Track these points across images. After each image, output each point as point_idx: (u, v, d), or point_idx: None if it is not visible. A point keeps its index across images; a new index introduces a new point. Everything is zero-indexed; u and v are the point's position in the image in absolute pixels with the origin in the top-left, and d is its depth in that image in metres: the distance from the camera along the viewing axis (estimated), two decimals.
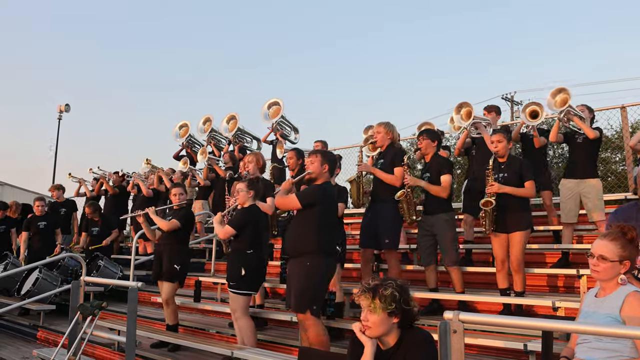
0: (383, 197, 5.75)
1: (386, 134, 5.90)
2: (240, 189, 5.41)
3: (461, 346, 2.43)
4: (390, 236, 5.66)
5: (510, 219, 5.17)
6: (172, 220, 5.94)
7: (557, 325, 2.59)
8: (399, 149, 5.93)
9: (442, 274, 5.95)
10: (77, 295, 5.36)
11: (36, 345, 6.94)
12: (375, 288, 2.77)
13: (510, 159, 5.40)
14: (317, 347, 4.35)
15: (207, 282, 7.58)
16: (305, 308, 4.42)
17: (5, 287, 8.63)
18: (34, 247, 9.00)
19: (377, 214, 5.73)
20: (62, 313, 7.76)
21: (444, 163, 5.74)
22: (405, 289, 2.80)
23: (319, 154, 4.82)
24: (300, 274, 4.49)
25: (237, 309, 5.18)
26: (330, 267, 4.67)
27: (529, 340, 4.13)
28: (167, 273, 5.89)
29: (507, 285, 5.27)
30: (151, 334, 5.99)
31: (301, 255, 4.55)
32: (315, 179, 4.75)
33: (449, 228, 5.58)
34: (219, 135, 10.56)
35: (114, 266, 8.77)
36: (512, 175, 5.24)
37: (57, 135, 25.38)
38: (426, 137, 5.82)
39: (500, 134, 5.42)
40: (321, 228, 4.56)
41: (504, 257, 5.24)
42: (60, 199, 10.48)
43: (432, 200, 5.63)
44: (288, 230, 4.82)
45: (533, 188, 5.27)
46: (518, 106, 26.30)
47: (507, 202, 5.16)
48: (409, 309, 2.77)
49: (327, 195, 4.70)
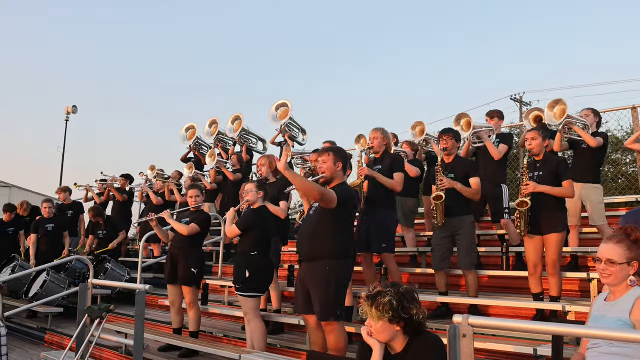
0: (380, 202, 5.70)
1: (383, 140, 5.90)
2: (249, 189, 5.40)
3: (471, 351, 2.40)
4: (387, 240, 5.64)
5: (546, 220, 5.00)
6: (193, 224, 5.85)
7: (568, 330, 2.53)
8: (397, 155, 5.93)
9: (451, 277, 5.91)
10: (85, 298, 5.36)
11: (44, 348, 6.96)
12: (374, 296, 2.77)
13: (547, 157, 5.21)
14: (334, 352, 4.26)
15: (214, 285, 7.57)
16: (330, 316, 4.27)
17: (14, 289, 8.64)
18: (41, 250, 9.02)
19: (374, 219, 5.68)
20: (69, 316, 7.77)
21: (472, 165, 5.67)
22: (407, 297, 2.75)
23: (330, 152, 4.50)
24: (320, 281, 4.28)
25: (248, 311, 5.17)
26: (349, 270, 4.52)
27: (539, 345, 4.08)
28: (184, 277, 5.82)
29: (541, 290, 5.12)
30: (159, 337, 5.99)
31: (317, 259, 4.33)
32: (331, 179, 4.46)
33: (471, 230, 5.52)
34: (225, 137, 10.57)
35: (121, 269, 8.78)
36: (548, 174, 5.06)
37: (65, 136, 25.49)
38: (452, 137, 5.67)
39: (535, 131, 5.26)
40: (338, 231, 4.35)
41: (537, 261, 5.09)
42: (67, 201, 10.51)
43: (458, 201, 5.48)
44: (301, 232, 4.61)
45: (571, 187, 5.05)
46: (527, 107, 26.24)
47: (542, 203, 5.00)
48: (408, 317, 2.74)
49: (353, 196, 4.53)
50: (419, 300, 2.81)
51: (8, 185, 30.82)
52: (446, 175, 5.58)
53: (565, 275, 5.48)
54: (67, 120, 25.22)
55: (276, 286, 6.12)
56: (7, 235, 9.90)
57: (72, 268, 8.76)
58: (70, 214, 10.34)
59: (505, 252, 6.10)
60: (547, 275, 5.10)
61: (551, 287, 5.06)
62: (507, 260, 6.10)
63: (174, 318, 6.13)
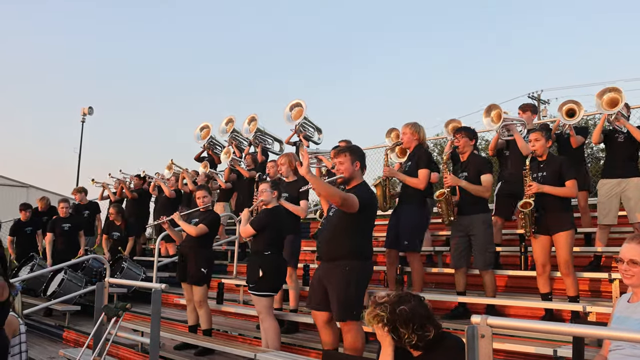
0: (407, 200, 5.69)
1: (412, 135, 5.81)
2: (263, 189, 5.40)
3: (489, 351, 2.36)
4: (409, 238, 5.59)
5: (552, 220, 4.99)
6: (201, 225, 5.89)
7: (590, 331, 2.47)
8: (422, 151, 5.83)
9: (469, 277, 5.83)
10: (102, 296, 5.40)
11: (62, 345, 7.02)
12: (374, 306, 2.77)
13: (550, 157, 5.21)
14: (350, 352, 4.25)
15: (229, 284, 7.58)
16: (348, 316, 4.26)
17: (32, 287, 8.75)
18: (58, 249, 9.09)
19: (401, 216, 5.68)
20: (86, 313, 7.84)
21: (484, 162, 5.58)
22: (401, 319, 2.70)
23: (347, 151, 4.42)
24: (339, 281, 4.25)
25: (261, 310, 5.19)
26: (369, 271, 4.48)
27: (559, 346, 4.03)
28: (194, 277, 5.86)
29: (549, 290, 5.09)
30: (175, 336, 6.01)
31: (337, 259, 4.31)
32: (349, 180, 4.40)
33: (486, 229, 5.42)
34: (240, 136, 10.58)
35: (137, 268, 8.83)
36: (552, 174, 5.07)
37: (81, 137, 25.76)
38: (464, 135, 5.63)
39: (538, 132, 5.26)
40: (358, 231, 4.32)
41: (545, 261, 5.07)
42: (83, 202, 10.60)
43: (469, 200, 5.44)
44: (322, 232, 4.61)
45: (574, 187, 5.03)
46: (545, 105, 26.03)
47: (547, 203, 5.00)
48: (397, 339, 2.72)
49: (375, 198, 4.50)
50: (419, 323, 2.73)
51: (25, 185, 31.26)
52: (458, 174, 5.56)
53: (582, 275, 5.42)
54: (83, 121, 25.48)
55: (295, 285, 6.12)
56: (25, 234, 10.03)
57: (89, 267, 8.84)
58: (86, 213, 10.44)
59: (523, 252, 6.02)
60: (561, 276, 5.06)
61: (567, 287, 5.01)
62: (526, 259, 6.02)
63: (189, 315, 6.17)
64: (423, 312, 2.74)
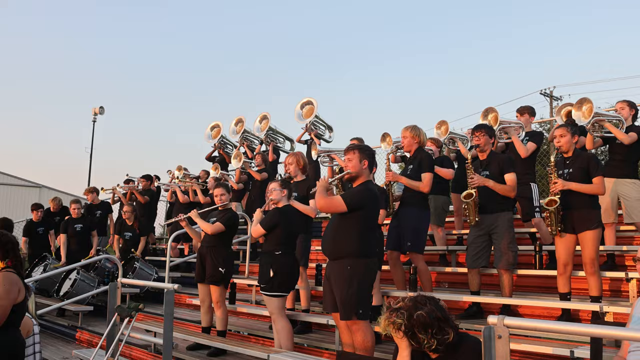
0: (409, 202, 5.68)
1: (413, 139, 5.79)
2: (273, 187, 5.38)
3: (506, 352, 2.35)
4: (412, 239, 5.58)
5: (578, 218, 4.88)
6: (217, 223, 5.87)
7: (609, 332, 2.42)
8: (424, 154, 5.82)
9: (483, 277, 5.78)
10: (115, 296, 5.40)
11: (75, 345, 7.03)
12: (390, 312, 2.76)
13: (576, 154, 5.10)
14: (361, 352, 4.23)
15: (241, 284, 7.58)
16: (351, 314, 4.25)
17: (45, 288, 8.78)
18: (71, 249, 9.13)
19: (403, 218, 5.66)
20: (99, 314, 7.87)
21: (507, 161, 5.48)
22: (419, 324, 2.68)
23: (356, 149, 4.48)
24: (342, 279, 4.29)
25: (273, 310, 5.17)
26: (372, 269, 4.48)
27: (576, 347, 3.97)
28: (212, 276, 5.83)
29: (568, 290, 5.01)
30: (187, 336, 6.01)
31: (340, 258, 4.35)
32: (355, 177, 4.48)
33: (510, 228, 5.34)
34: (251, 136, 10.58)
35: (149, 268, 8.84)
36: (578, 171, 4.96)
37: (92, 137, 25.93)
38: (485, 133, 5.54)
39: (563, 128, 5.16)
40: (362, 230, 4.34)
41: (568, 260, 4.97)
42: (95, 202, 10.64)
43: (492, 198, 5.34)
44: (326, 231, 4.62)
45: (602, 184, 4.93)
46: (557, 101, 25.81)
47: (573, 200, 4.90)
48: (418, 345, 2.70)
49: (373, 197, 4.45)
50: (437, 326, 2.71)
51: (38, 185, 31.47)
52: (480, 172, 5.47)
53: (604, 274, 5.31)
54: (95, 121, 25.65)
55: (305, 285, 6.09)
56: (37, 234, 10.08)
57: (101, 267, 8.86)
58: (99, 213, 10.47)
59: (538, 251, 5.95)
60: (586, 275, 4.96)
61: (590, 286, 4.91)
62: (540, 259, 5.95)
63: (203, 317, 6.14)
64: (440, 315, 2.71)
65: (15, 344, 3.74)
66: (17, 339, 3.79)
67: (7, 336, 3.66)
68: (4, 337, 3.63)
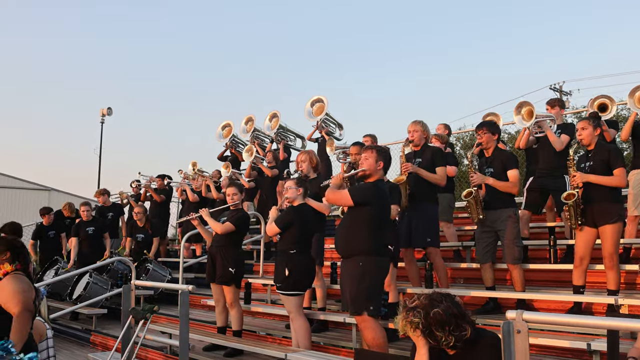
0: (423, 197, 5.65)
1: (422, 133, 5.83)
2: (289, 186, 5.34)
3: (526, 347, 2.36)
4: (431, 235, 5.58)
5: (598, 211, 4.82)
6: (227, 223, 5.85)
7: (629, 325, 2.38)
8: (437, 148, 5.84)
9: (498, 272, 5.72)
10: (129, 299, 5.37)
11: (90, 349, 7.03)
12: (407, 311, 2.73)
13: (598, 146, 5.03)
14: (375, 349, 4.25)
15: (256, 284, 7.54)
16: (362, 310, 4.31)
17: (57, 291, 8.77)
18: (83, 252, 9.10)
19: (417, 213, 5.62)
20: (113, 316, 7.85)
21: (510, 158, 5.49)
22: (436, 322, 2.65)
23: (374, 149, 4.62)
24: (353, 276, 4.37)
25: (290, 309, 5.15)
26: (383, 267, 4.53)
27: (593, 340, 3.97)
28: (222, 277, 5.81)
29: (583, 283, 4.97)
30: (203, 337, 5.98)
31: (352, 255, 4.43)
32: (369, 175, 4.57)
33: (513, 224, 5.32)
34: (262, 134, 10.53)
35: (162, 269, 8.82)
36: (599, 163, 4.90)
37: (101, 138, 26.07)
38: (487, 131, 5.54)
39: (585, 121, 5.11)
40: (372, 227, 4.41)
41: (585, 254, 4.92)
42: (106, 204, 10.64)
43: (496, 195, 5.37)
44: (338, 229, 4.69)
45: (623, 176, 4.86)
46: (567, 96, 25.62)
47: (593, 193, 4.84)
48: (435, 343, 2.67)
49: (381, 194, 4.52)
50: (455, 323, 2.68)
51: (47, 188, 31.59)
52: (484, 170, 5.50)
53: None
54: (103, 122, 25.77)
55: (321, 284, 6.04)
56: (48, 238, 10.05)
57: (114, 269, 8.82)
58: (110, 215, 10.46)
59: (553, 245, 5.90)
60: (605, 269, 4.91)
61: (609, 280, 4.86)
62: (555, 253, 5.90)
63: (218, 317, 6.13)
64: (457, 312, 2.69)
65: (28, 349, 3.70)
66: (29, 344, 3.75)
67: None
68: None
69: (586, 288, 5.09)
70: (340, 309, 6.15)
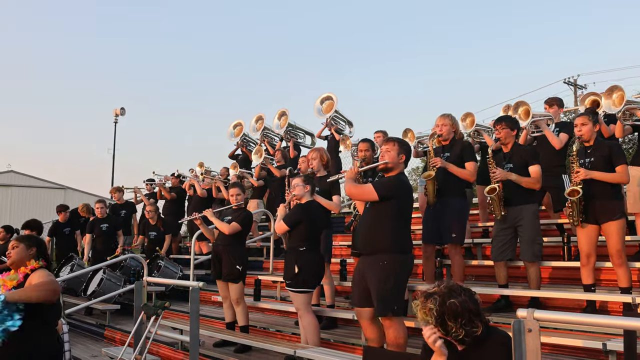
0: (450, 192, 5.52)
1: (451, 127, 5.67)
2: (296, 183, 5.36)
3: (537, 346, 2.32)
4: (457, 230, 5.47)
5: (601, 209, 4.77)
6: (234, 223, 5.92)
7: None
8: (466, 142, 5.71)
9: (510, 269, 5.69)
10: (141, 295, 5.44)
11: (104, 343, 7.13)
12: (425, 297, 2.71)
13: (598, 142, 4.98)
14: (393, 348, 4.21)
15: (266, 281, 7.58)
16: (387, 311, 4.23)
17: (72, 287, 8.92)
18: (97, 249, 9.26)
19: (445, 209, 5.50)
20: (126, 312, 7.95)
21: (531, 152, 5.38)
22: (450, 312, 2.63)
23: (396, 142, 4.50)
24: (377, 276, 4.25)
25: (299, 306, 5.16)
26: (408, 265, 4.44)
27: (608, 339, 3.88)
28: (230, 275, 5.89)
29: (592, 282, 4.90)
30: (214, 333, 6.03)
31: (375, 253, 4.31)
32: (391, 169, 4.46)
33: (534, 220, 5.24)
34: (271, 133, 10.57)
35: (174, 266, 8.91)
36: (600, 160, 4.84)
37: (114, 138, 26.28)
38: (505, 126, 5.41)
39: (584, 117, 5.04)
40: (396, 223, 4.30)
41: (590, 251, 4.86)
42: (120, 201, 10.80)
43: (517, 191, 5.23)
44: (359, 225, 4.59)
45: (625, 173, 4.81)
46: (582, 90, 25.33)
47: (595, 190, 4.78)
48: (445, 332, 2.65)
49: (405, 188, 4.43)
50: (468, 317, 2.66)
51: (63, 187, 31.95)
52: (503, 165, 5.38)
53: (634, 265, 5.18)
54: (116, 122, 25.96)
55: (329, 281, 6.07)
56: (63, 235, 10.22)
57: (127, 266, 8.94)
58: (123, 213, 10.59)
59: (566, 242, 5.85)
60: (613, 267, 4.85)
61: (619, 278, 4.80)
62: (569, 250, 5.85)
63: (227, 312, 6.21)
64: (472, 308, 2.67)
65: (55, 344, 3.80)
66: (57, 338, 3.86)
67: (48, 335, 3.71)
68: (45, 336, 3.67)
69: (600, 286, 5.04)
70: (349, 305, 6.20)
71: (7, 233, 9.58)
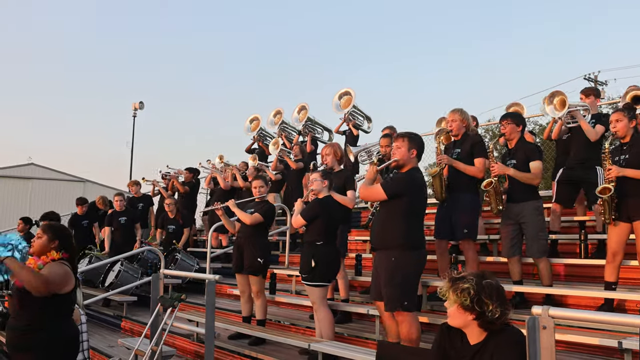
0: (461, 188, 5.50)
1: (462, 122, 5.63)
2: (314, 178, 5.38)
3: (551, 343, 2.31)
4: (468, 226, 5.45)
5: (634, 206, 4.66)
6: (255, 214, 5.93)
7: None
8: (477, 138, 5.67)
9: (524, 266, 5.66)
10: (157, 287, 5.49)
11: (120, 334, 7.23)
12: (456, 279, 2.69)
13: (634, 139, 4.85)
14: (406, 343, 4.22)
15: (281, 275, 7.62)
16: (396, 306, 4.27)
17: (90, 279, 9.04)
18: (115, 241, 9.35)
19: (456, 204, 5.49)
20: (143, 304, 8.04)
21: (533, 149, 5.38)
22: (487, 290, 2.61)
23: (406, 137, 4.49)
24: (387, 271, 4.31)
25: (315, 300, 5.18)
26: (420, 260, 4.45)
27: (624, 338, 3.84)
28: (251, 267, 5.90)
29: (615, 279, 4.83)
30: (229, 326, 6.08)
31: (387, 248, 4.36)
32: (403, 165, 4.49)
33: (537, 216, 5.21)
34: (289, 127, 10.59)
35: (190, 259, 8.98)
36: (635, 157, 4.72)
37: (133, 131, 26.53)
38: (511, 122, 5.42)
39: (620, 113, 4.93)
40: (408, 219, 4.33)
41: (618, 249, 4.78)
42: (137, 194, 10.89)
43: (519, 187, 5.26)
44: (374, 220, 4.64)
45: None
46: (602, 86, 24.97)
47: (628, 187, 4.68)
48: (480, 310, 2.61)
49: (416, 184, 4.43)
50: (501, 299, 2.64)
51: (82, 180, 32.34)
52: (507, 161, 5.40)
53: None
54: (135, 115, 26.19)
55: (344, 275, 6.08)
56: (82, 227, 10.36)
57: (144, 258, 9.05)
58: (140, 206, 10.70)
59: (583, 240, 5.77)
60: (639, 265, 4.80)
61: None
62: (586, 247, 5.77)
63: (244, 306, 6.23)
64: (503, 292, 2.68)
65: (72, 333, 3.85)
66: (74, 327, 3.91)
67: (66, 324, 3.76)
68: (63, 325, 3.73)
69: (619, 284, 4.97)
70: (364, 300, 6.21)
71: (25, 224, 9.75)
